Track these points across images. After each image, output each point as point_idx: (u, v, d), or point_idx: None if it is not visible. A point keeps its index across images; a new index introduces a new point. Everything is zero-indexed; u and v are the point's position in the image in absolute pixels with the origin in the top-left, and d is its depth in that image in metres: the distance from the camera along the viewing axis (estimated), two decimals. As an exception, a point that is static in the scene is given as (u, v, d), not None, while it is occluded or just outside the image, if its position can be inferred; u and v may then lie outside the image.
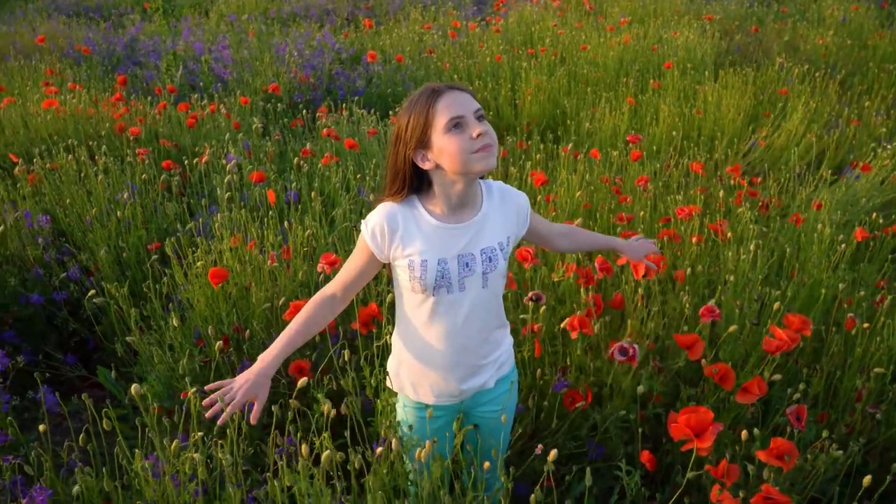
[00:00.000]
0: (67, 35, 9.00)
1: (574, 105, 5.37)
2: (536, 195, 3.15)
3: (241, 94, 5.65)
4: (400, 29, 8.51)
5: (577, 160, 3.77)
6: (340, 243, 2.95)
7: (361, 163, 4.18)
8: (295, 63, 6.70)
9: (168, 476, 1.71)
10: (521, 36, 7.67)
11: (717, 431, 1.49)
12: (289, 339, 1.68)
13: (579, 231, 2.04)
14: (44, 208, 3.55)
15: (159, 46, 8.12)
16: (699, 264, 2.62)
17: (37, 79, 6.21)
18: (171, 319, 2.48)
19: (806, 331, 2.04)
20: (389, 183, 1.70)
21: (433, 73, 6.61)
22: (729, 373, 1.91)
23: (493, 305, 1.77)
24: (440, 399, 1.82)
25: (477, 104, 1.62)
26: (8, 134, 4.55)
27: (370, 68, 6.88)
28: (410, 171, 1.65)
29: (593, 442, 2.19)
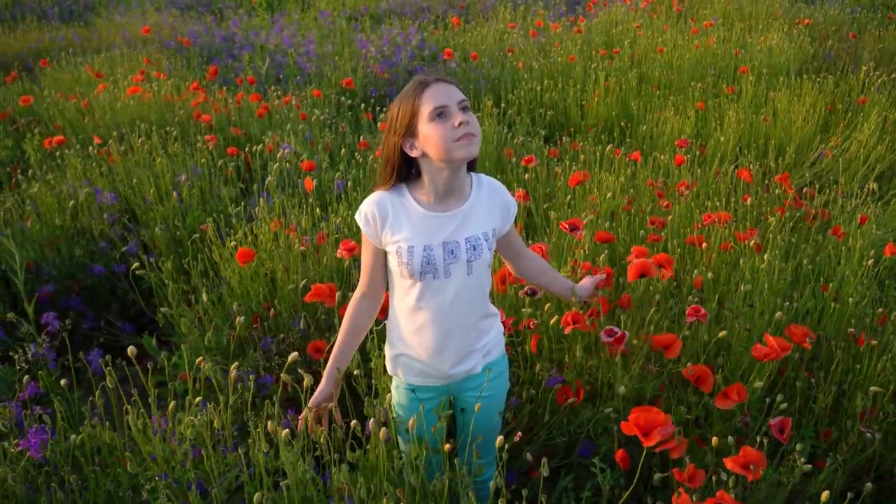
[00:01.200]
0: (172, 27, 9.61)
1: (641, 108, 5.28)
2: (566, 195, 3.15)
3: (316, 88, 5.89)
4: (483, 28, 8.57)
5: (626, 163, 3.72)
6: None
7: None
8: (373, 58, 6.90)
9: (159, 436, 1.86)
10: (601, 37, 7.57)
11: (665, 432, 1.48)
12: (336, 353, 1.86)
13: (547, 265, 2.06)
14: (115, 187, 3.85)
15: (254, 40, 8.55)
16: (717, 272, 2.56)
17: (134, 67, 6.68)
18: (202, 295, 2.67)
19: (805, 343, 1.98)
20: (381, 171, 1.81)
21: (507, 71, 6.64)
22: (706, 375, 1.88)
23: (479, 293, 1.83)
24: (429, 381, 1.90)
25: (461, 96, 1.70)
26: (97, 117, 4.94)
27: (447, 66, 6.99)
28: (399, 159, 1.75)
29: (585, 439, 2.19)
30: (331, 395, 1.84)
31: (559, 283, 2.07)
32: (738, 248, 2.68)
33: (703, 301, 2.41)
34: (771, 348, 1.89)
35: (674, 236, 2.83)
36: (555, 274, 2.08)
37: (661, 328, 2.24)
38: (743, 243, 2.65)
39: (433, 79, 1.71)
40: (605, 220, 3.05)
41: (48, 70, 6.99)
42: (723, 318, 2.31)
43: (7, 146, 4.66)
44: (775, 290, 2.38)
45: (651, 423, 1.49)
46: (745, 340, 2.14)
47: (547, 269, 2.06)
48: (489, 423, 1.97)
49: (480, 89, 6.27)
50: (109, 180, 3.91)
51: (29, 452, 1.61)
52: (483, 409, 1.94)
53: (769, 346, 1.89)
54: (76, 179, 3.92)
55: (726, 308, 2.33)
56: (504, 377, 1.99)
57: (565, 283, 2.07)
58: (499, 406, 2.00)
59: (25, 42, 8.87)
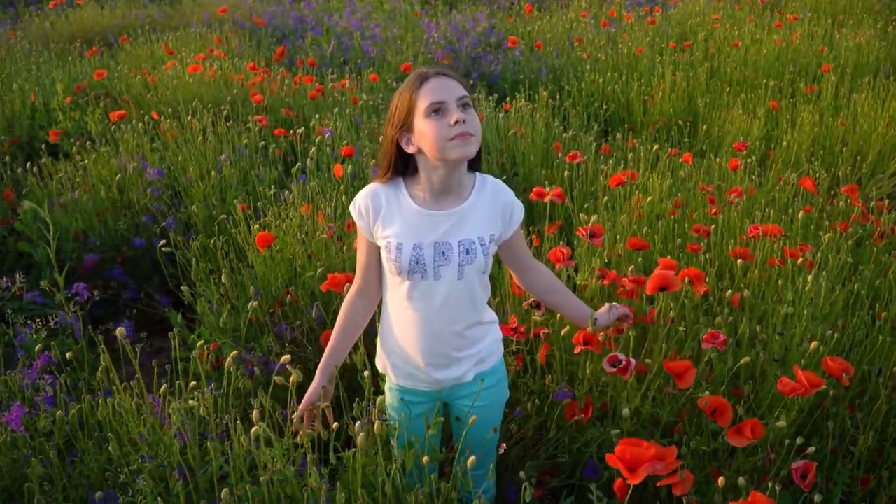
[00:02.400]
0: (250, 8, 9.77)
1: (707, 106, 5.00)
2: (605, 196, 2.99)
3: (373, 72, 5.85)
4: (554, 17, 8.34)
5: (678, 164, 3.51)
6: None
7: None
8: (436, 44, 6.81)
9: (150, 417, 1.85)
10: (675, 28, 7.24)
11: (655, 469, 1.35)
12: (330, 351, 1.81)
13: (559, 284, 1.91)
14: (164, 163, 3.91)
15: (326, 22, 8.59)
16: (759, 291, 2.36)
17: (205, 46, 6.81)
18: (222, 276, 2.66)
19: (843, 379, 1.79)
20: (380, 163, 1.73)
21: (573, 61, 6.43)
22: (724, 407, 1.71)
23: (470, 300, 1.73)
24: (417, 384, 1.82)
25: (463, 92, 1.60)
26: (160, 93, 5.05)
27: (510, 54, 6.83)
28: (396, 153, 1.67)
29: (591, 459, 2.06)
30: (324, 392, 1.78)
31: (573, 307, 1.91)
32: (787, 265, 2.46)
33: (737, 322, 2.22)
34: (799, 383, 1.71)
35: (715, 248, 2.64)
36: (568, 295, 1.91)
37: (684, 348, 2.08)
38: (791, 260, 2.44)
39: (434, 72, 1.61)
40: (648, 226, 2.87)
41: (126, 46, 7.22)
42: (757, 344, 2.13)
43: (74, 118, 4.81)
44: (820, 316, 2.17)
45: (638, 459, 1.36)
46: (778, 370, 1.95)
47: (558, 288, 1.90)
48: (483, 434, 1.88)
49: (542, 79, 6.09)
50: (160, 156, 3.97)
51: (10, 426, 1.62)
52: (477, 418, 1.85)
53: (798, 380, 1.72)
54: (128, 153, 4.00)
55: (763, 333, 2.14)
56: (501, 387, 1.89)
57: (582, 310, 1.90)
58: (494, 416, 1.91)
59: (112, 19, 9.20)
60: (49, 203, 3.71)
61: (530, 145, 3.99)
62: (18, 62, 6.39)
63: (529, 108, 4.48)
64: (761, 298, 2.38)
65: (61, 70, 6.04)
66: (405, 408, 1.86)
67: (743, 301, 2.19)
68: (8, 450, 1.71)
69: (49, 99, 5.20)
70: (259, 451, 1.70)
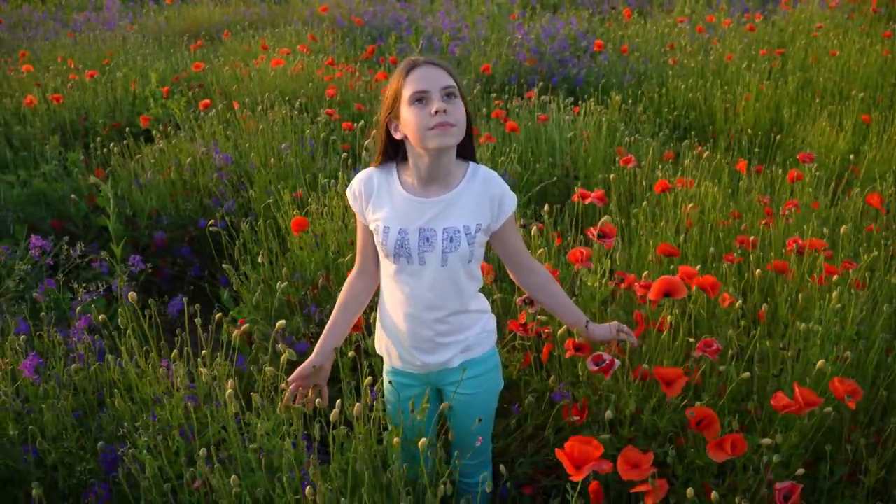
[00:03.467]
0: (350, 7, 10.09)
1: (793, 116, 4.73)
2: (650, 201, 2.90)
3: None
4: (648, 22, 8.13)
5: (737, 174, 3.36)
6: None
7: (530, 147, 4.17)
8: (520, 46, 6.79)
9: (161, 379, 1.97)
10: (774, 36, 6.88)
11: (601, 468, 1.32)
12: (329, 327, 1.87)
13: (555, 288, 1.88)
14: (235, 150, 4.12)
15: (420, 22, 8.75)
16: (795, 306, 2.23)
17: (299, 42, 7.10)
18: (258, 257, 2.79)
19: (849, 401, 1.67)
20: (375, 149, 1.78)
21: (659, 67, 6.25)
22: (711, 420, 1.64)
23: (454, 287, 1.74)
24: (406, 367, 1.86)
25: (448, 81, 1.62)
26: (245, 86, 5.32)
27: (596, 58, 6.72)
28: (386, 138, 1.71)
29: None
30: (318, 369, 1.83)
31: (568, 312, 1.89)
32: (828, 282, 2.32)
33: (760, 337, 2.11)
34: (795, 401, 1.61)
35: (757, 261, 2.51)
36: (564, 300, 1.89)
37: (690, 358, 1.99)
38: (831, 277, 2.29)
39: (423, 61, 1.65)
40: (696, 235, 2.77)
41: (228, 41, 7.64)
42: (779, 359, 2.01)
43: (164, 105, 5.15)
44: (848, 336, 2.03)
45: (585, 457, 1.33)
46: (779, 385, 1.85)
47: (554, 291, 1.87)
48: (472, 423, 1.88)
49: (625, 84, 5.96)
50: (233, 143, 4.19)
51: (24, 373, 1.77)
52: (465, 407, 1.87)
53: (794, 397, 1.62)
54: (204, 139, 4.25)
55: (783, 349, 2.02)
56: (491, 377, 1.88)
57: (577, 316, 1.88)
58: (485, 406, 1.91)
59: (222, 15, 9.76)
60: (134, 183, 4.00)
61: (591, 148, 3.92)
62: (129, 53, 6.89)
63: (599, 112, 4.41)
64: (792, 314, 2.26)
65: (163, 61, 6.46)
66: (398, 389, 1.90)
67: (783, 316, 2.07)
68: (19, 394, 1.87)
69: (156, 88, 5.58)
70: (256, 419, 1.78)
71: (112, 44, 7.79)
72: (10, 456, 1.85)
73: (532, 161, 4.14)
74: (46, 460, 1.89)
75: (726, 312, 2.08)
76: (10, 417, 1.86)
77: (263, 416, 1.79)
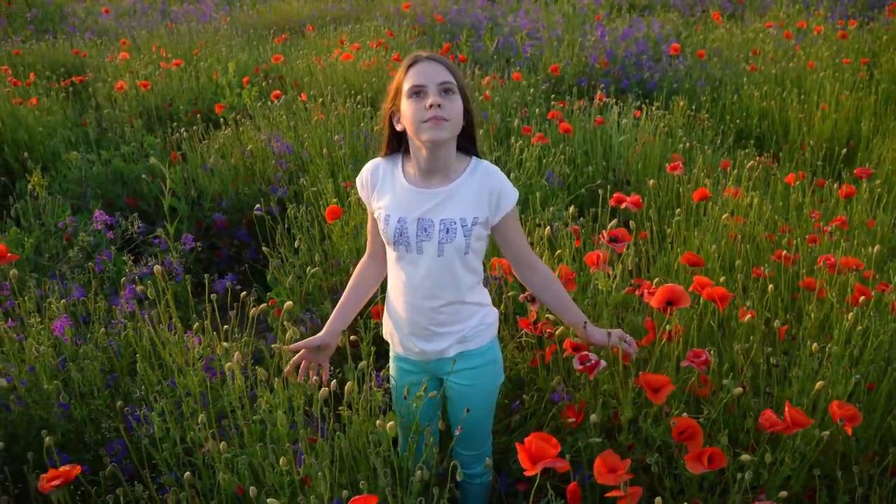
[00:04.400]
0: (434, 5, 10.21)
1: (871, 130, 4.49)
2: (689, 210, 2.83)
3: (520, 71, 5.91)
4: (735, 26, 7.85)
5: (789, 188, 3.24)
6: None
7: (584, 150, 4.15)
8: (595, 48, 6.71)
9: (181, 350, 2.11)
10: (865, 45, 6.52)
11: (556, 465, 1.33)
12: (338, 309, 1.96)
13: (557, 288, 1.89)
14: (296, 139, 4.29)
15: (500, 21, 8.78)
16: (823, 324, 2.15)
17: (377, 37, 7.26)
18: (298, 243, 2.91)
19: (846, 425, 1.61)
20: (382, 140, 1.85)
21: (738, 72, 6.05)
22: (695, 432, 1.61)
23: (451, 278, 1.79)
24: (407, 353, 1.92)
25: (446, 77, 1.67)
26: (316, 78, 5.51)
27: (671, 62, 6.57)
28: (390, 130, 1.77)
29: (582, 464, 2.02)
30: (324, 347, 1.90)
31: (569, 312, 1.90)
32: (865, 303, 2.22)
33: (777, 353, 2.05)
34: (784, 420, 1.57)
35: (790, 278, 2.43)
36: (565, 301, 1.90)
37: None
38: (864, 298, 2.19)
39: (424, 56, 1.70)
40: (738, 246, 2.70)
41: (310, 35, 7.90)
42: (790, 376, 1.95)
43: (238, 94, 5.40)
44: (869, 359, 1.94)
45: (542, 454, 1.35)
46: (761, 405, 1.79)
47: (556, 291, 1.89)
48: (469, 414, 1.92)
49: (699, 90, 5.80)
50: (295, 133, 4.35)
51: (55, 332, 1.94)
52: (462, 397, 1.91)
53: (785, 417, 1.58)
54: (271, 128, 4.44)
55: (798, 367, 1.96)
56: (489, 370, 1.91)
57: (577, 317, 1.89)
58: (482, 398, 1.94)
59: (309, 10, 10.08)
60: (201, 167, 4.24)
61: (646, 153, 3.86)
62: (216, 44, 7.24)
63: (661, 116, 4.32)
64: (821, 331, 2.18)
65: (246, 53, 6.76)
66: (401, 374, 1.96)
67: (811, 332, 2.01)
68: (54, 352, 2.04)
69: (232, 77, 5.86)
70: (261, 393, 1.88)
71: (204, 35, 8.20)
72: (44, 408, 2.02)
73: (583, 164, 4.11)
74: (75, 415, 2.06)
75: (745, 326, 2.03)
76: (46, 373, 2.04)
77: (263, 392, 1.88)
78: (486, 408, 1.98)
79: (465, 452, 2.02)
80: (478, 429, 1.99)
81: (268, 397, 1.88)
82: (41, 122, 4.96)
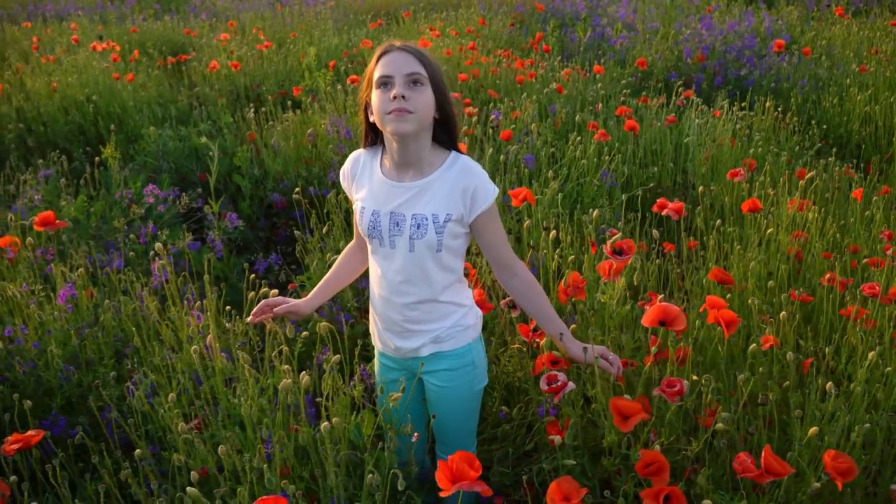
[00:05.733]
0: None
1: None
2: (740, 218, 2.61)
3: (603, 64, 5.68)
4: (857, 22, 7.21)
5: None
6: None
7: (653, 149, 3.94)
8: (689, 42, 6.35)
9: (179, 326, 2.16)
10: None
11: (467, 489, 1.25)
12: (319, 285, 1.98)
13: (536, 296, 1.79)
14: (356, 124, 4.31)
15: (599, 11, 8.48)
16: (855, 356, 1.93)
17: (468, 24, 7.20)
18: (325, 229, 2.92)
19: (837, 478, 1.43)
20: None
21: (847, 73, 5.54)
22: (661, 467, 1.47)
23: (423, 275, 1.73)
24: (385, 349, 1.89)
25: (414, 69, 1.60)
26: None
27: (771, 58, 6.10)
28: (365, 120, 1.73)
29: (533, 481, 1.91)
30: (293, 309, 1.90)
31: (547, 322, 1.81)
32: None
33: (793, 388, 1.85)
34: (763, 468, 1.41)
35: (831, 304, 2.20)
36: (544, 310, 1.80)
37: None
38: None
39: (396, 46, 1.64)
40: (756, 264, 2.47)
41: (405, 21, 7.94)
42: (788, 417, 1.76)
43: (315, 77, 5.50)
44: (888, 405, 1.72)
45: (461, 475, 1.27)
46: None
47: (534, 299, 1.79)
48: (446, 417, 1.89)
49: (801, 90, 5.36)
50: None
51: (58, 300, 2.04)
52: (439, 399, 1.88)
53: (762, 461, 1.42)
54: (337, 112, 4.49)
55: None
56: (466, 373, 1.84)
57: (555, 327, 1.80)
58: (459, 402, 1.88)
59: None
60: (271, 148, 4.36)
61: (713, 157, 3.61)
62: (313, 28, 7.41)
63: (743, 117, 4.03)
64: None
65: (337, 38, 6.88)
66: (381, 370, 1.93)
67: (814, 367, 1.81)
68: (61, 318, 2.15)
69: (313, 61, 5.99)
70: (243, 378, 1.90)
71: (305, 19, 8.42)
72: (52, 372, 2.13)
73: (651, 164, 3.89)
74: (83, 381, 2.16)
75: (751, 354, 1.84)
76: (56, 339, 2.15)
77: (242, 376, 1.89)
78: (465, 411, 1.90)
79: (445, 455, 1.96)
80: (456, 432, 1.93)
81: (247, 381, 1.90)
82: (134, 97, 5.26)
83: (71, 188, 3.75)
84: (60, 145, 4.98)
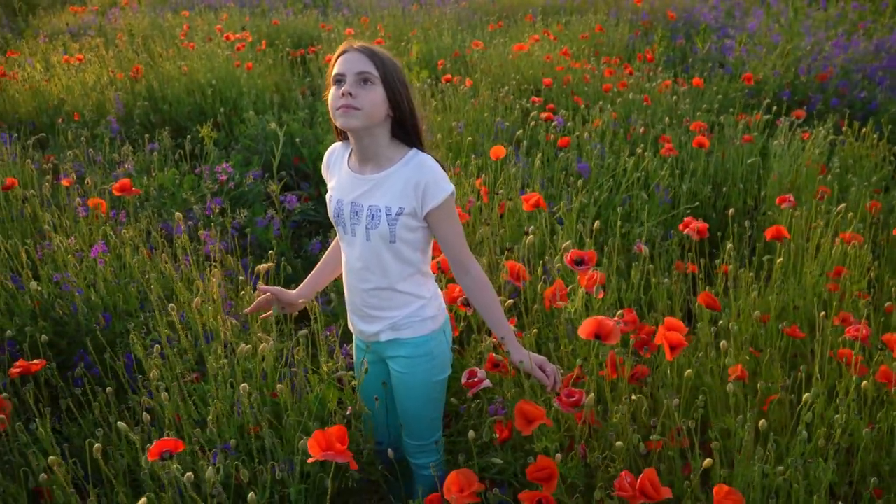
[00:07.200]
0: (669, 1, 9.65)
1: None
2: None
3: (711, 76, 5.47)
4: None
5: None
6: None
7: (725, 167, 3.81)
8: (806, 58, 5.94)
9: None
10: None
11: (332, 457, 1.37)
12: (309, 278, 2.14)
13: (486, 298, 1.84)
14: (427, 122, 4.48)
15: (730, 23, 8.10)
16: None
17: (583, 29, 7.15)
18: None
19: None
20: None
21: None
22: (550, 473, 1.50)
23: (378, 264, 1.83)
24: (354, 330, 2.03)
25: (365, 68, 1.72)
26: (485, 67, 5.62)
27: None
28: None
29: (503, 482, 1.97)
30: (285, 300, 2.05)
31: (493, 322, 1.86)
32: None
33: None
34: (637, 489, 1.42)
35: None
36: (493, 310, 1.86)
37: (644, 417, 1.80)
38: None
39: (354, 47, 1.75)
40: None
41: (522, 24, 8.00)
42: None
43: (415, 75, 5.72)
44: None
45: (329, 446, 1.39)
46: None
47: (483, 299, 1.85)
48: (406, 403, 1.99)
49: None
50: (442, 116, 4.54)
51: (91, 255, 2.35)
52: (398, 385, 1.98)
53: (638, 483, 1.43)
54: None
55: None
56: (425, 362, 1.92)
57: (500, 330, 1.85)
58: (418, 389, 1.96)
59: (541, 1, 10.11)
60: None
61: (779, 180, 3.44)
62: (434, 27, 7.65)
63: (829, 141, 3.79)
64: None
65: (450, 38, 7.07)
66: (356, 352, 2.08)
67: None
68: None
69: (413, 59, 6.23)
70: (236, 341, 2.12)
71: (432, 17, 8.67)
72: (75, 323, 2.45)
73: (721, 183, 3.77)
74: (117, 328, 2.47)
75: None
76: (97, 290, 2.47)
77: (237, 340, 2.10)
78: (423, 398, 1.97)
79: (409, 441, 2.06)
80: (417, 418, 2.00)
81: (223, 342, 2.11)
82: (249, 84, 5.72)
83: (170, 162, 4.20)
84: (182, 124, 5.52)
